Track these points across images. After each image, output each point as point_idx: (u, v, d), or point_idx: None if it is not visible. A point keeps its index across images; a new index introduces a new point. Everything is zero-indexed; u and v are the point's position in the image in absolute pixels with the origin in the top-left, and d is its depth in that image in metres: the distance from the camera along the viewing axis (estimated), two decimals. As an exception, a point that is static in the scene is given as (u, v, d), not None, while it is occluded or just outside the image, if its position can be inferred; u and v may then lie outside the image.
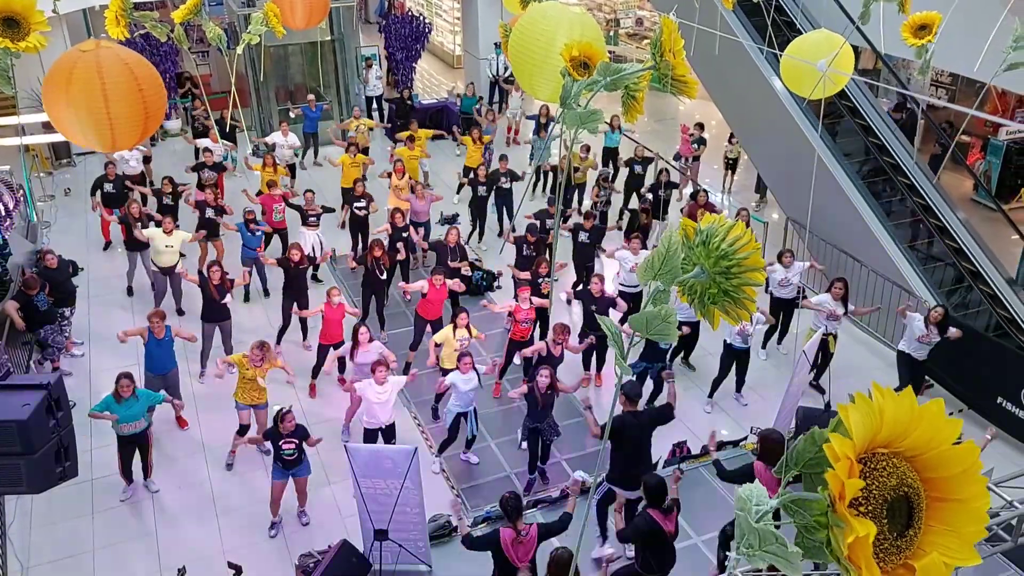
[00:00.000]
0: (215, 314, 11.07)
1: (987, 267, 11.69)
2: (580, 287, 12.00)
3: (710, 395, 10.96)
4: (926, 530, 1.40)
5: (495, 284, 13.48)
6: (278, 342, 11.80)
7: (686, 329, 10.54)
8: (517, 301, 10.66)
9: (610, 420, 2.56)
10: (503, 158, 14.96)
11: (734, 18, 13.48)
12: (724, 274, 1.75)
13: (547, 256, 11.87)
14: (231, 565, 8.02)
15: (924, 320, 10.14)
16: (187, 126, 18.50)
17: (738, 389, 10.98)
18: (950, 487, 1.38)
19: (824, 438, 1.47)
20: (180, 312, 12.47)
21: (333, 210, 13.64)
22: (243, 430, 9.80)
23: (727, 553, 1.62)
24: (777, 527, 1.48)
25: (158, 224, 12.28)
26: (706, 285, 1.77)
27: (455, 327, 10.11)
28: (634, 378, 9.65)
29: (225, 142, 15.93)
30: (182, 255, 12.49)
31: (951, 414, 7.84)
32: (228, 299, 11.08)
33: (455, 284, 11.39)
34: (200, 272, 11.35)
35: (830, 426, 1.49)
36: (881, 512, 1.38)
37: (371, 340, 10.02)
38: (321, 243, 13.14)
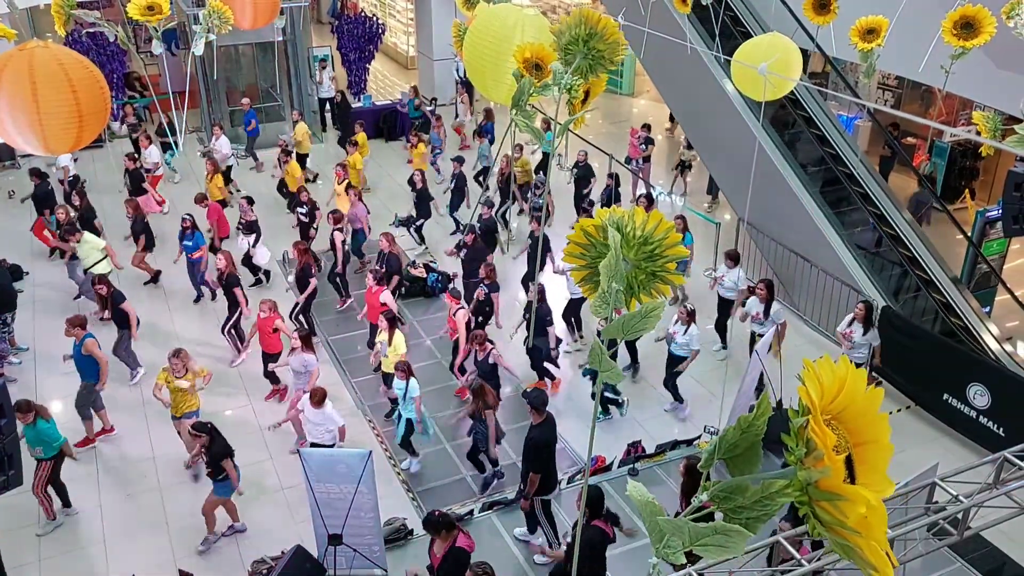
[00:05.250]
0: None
1: (935, 269, 11.92)
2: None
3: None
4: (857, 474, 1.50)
5: (450, 286, 13.45)
6: (224, 329, 11.83)
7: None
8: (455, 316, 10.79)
9: (592, 431, 2.56)
10: (459, 160, 15.02)
11: (685, 21, 13.60)
12: (649, 258, 1.79)
13: (491, 261, 12.05)
14: (183, 573, 7.91)
15: (851, 319, 10.38)
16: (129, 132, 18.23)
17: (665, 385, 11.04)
18: (865, 432, 1.48)
19: (748, 423, 1.56)
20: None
21: (254, 229, 13.48)
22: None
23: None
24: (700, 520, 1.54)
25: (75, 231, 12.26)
26: (632, 274, 1.81)
27: (391, 335, 10.13)
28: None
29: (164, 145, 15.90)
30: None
31: (898, 410, 7.92)
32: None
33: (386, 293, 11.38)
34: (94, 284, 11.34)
35: (754, 413, 1.56)
36: (848, 475, 1.46)
37: (305, 349, 9.94)
38: (248, 248, 13.12)
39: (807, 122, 13.42)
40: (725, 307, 11.85)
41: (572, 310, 12.01)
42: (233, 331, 11.69)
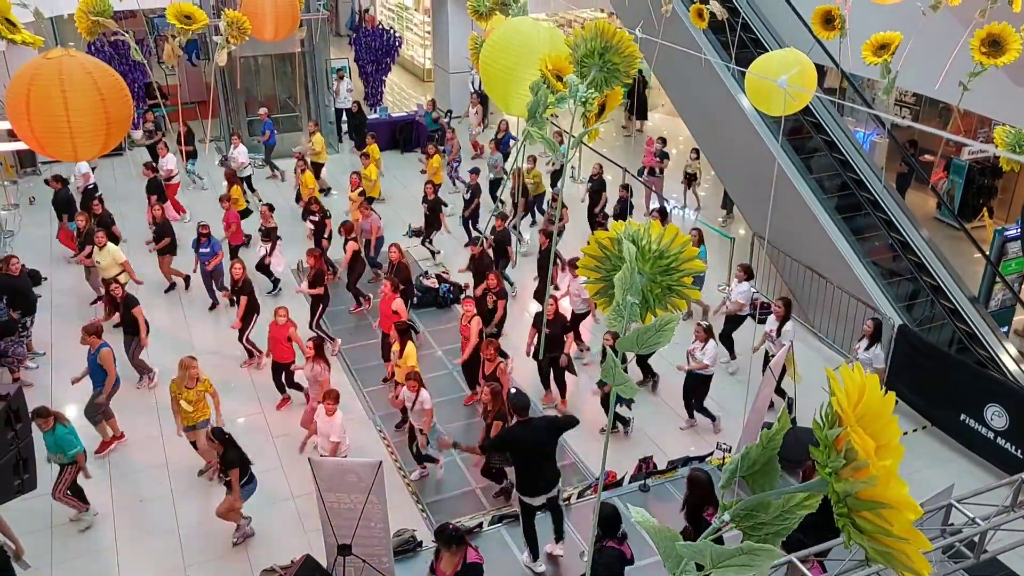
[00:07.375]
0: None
1: (949, 284, 11.84)
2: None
3: (690, 414, 10.94)
4: None
5: (462, 296, 13.46)
6: (241, 339, 11.81)
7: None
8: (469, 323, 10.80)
9: (606, 445, 2.56)
10: (475, 171, 15.10)
11: (701, 35, 13.61)
12: (665, 272, 1.79)
13: (497, 268, 12.12)
14: (192, 581, 7.90)
15: (862, 336, 10.36)
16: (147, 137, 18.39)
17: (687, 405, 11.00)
18: (880, 436, 1.46)
19: (768, 438, 1.56)
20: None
21: (271, 236, 13.59)
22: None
23: None
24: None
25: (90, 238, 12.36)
26: (647, 288, 1.80)
27: (402, 347, 10.12)
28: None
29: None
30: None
31: (914, 430, 7.83)
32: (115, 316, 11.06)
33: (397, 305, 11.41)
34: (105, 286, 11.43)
35: (774, 428, 1.55)
36: None
37: (317, 359, 9.95)
38: (265, 255, 13.23)
39: (817, 129, 13.39)
40: (732, 322, 11.79)
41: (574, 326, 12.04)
42: (250, 340, 11.72)
